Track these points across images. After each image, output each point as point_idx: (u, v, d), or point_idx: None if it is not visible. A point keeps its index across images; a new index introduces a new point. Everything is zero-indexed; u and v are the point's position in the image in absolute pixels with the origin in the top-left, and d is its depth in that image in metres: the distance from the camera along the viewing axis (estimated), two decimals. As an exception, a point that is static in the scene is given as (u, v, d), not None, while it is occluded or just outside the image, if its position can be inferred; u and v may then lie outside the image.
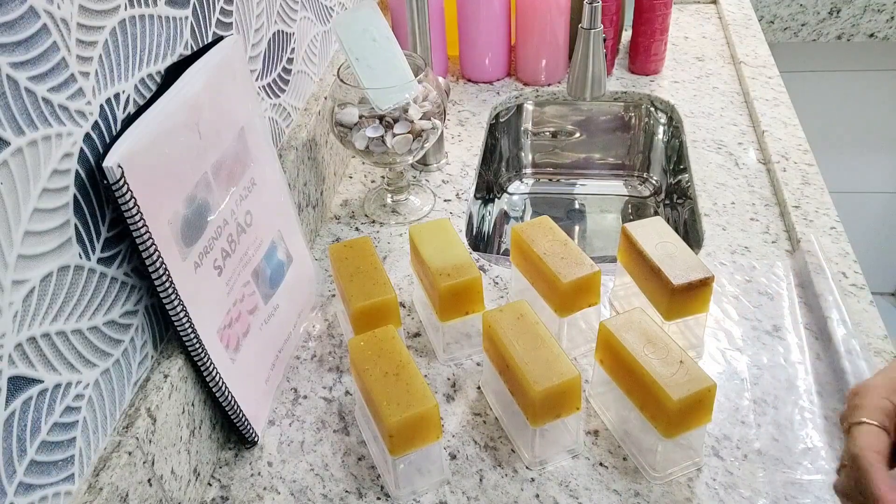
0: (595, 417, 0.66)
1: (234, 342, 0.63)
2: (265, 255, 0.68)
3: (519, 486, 0.61)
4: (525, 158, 1.22)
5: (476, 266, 0.69)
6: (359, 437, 0.66)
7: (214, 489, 0.63)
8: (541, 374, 0.58)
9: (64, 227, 0.47)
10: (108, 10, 0.50)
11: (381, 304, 0.67)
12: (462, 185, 0.97)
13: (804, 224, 0.83)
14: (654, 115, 1.14)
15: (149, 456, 0.54)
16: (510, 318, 0.63)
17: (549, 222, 0.73)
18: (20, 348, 0.44)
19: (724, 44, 1.25)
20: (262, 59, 0.76)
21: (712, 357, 0.71)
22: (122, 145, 0.49)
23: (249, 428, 0.64)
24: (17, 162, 0.42)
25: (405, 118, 0.82)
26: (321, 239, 0.89)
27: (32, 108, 0.44)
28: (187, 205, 0.56)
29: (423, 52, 0.91)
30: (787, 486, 0.59)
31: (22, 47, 0.42)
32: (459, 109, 1.13)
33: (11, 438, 0.43)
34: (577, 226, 1.16)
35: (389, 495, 0.61)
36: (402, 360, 0.59)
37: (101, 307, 0.51)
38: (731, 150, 0.99)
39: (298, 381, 0.71)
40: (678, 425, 0.57)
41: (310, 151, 0.86)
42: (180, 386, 0.58)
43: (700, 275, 0.66)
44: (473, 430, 0.66)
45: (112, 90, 0.51)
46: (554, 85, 1.16)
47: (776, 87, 1.09)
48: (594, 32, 0.95)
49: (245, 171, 0.64)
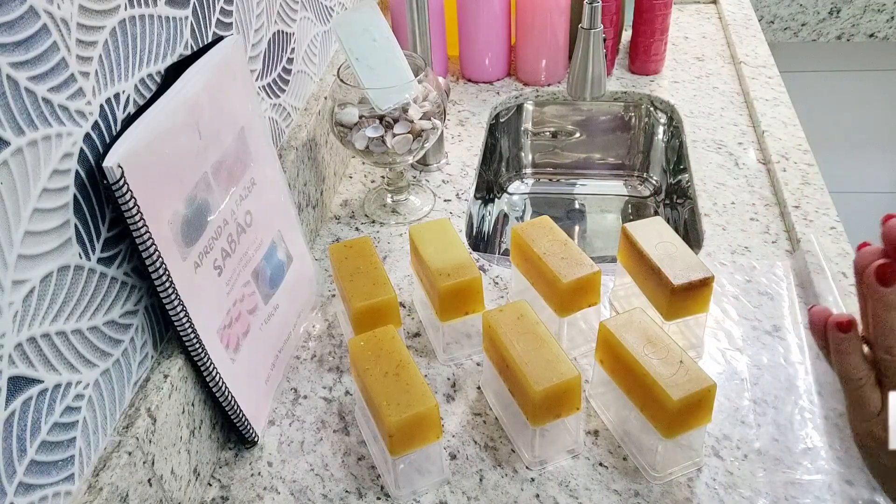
0: (595, 417, 0.66)
1: (234, 342, 0.63)
2: (265, 255, 0.68)
3: (519, 486, 0.61)
4: (525, 158, 1.22)
5: (476, 266, 0.69)
6: (359, 437, 0.66)
7: (214, 489, 0.63)
8: (541, 374, 0.58)
9: (64, 227, 0.47)
10: (108, 10, 0.50)
11: (381, 304, 0.67)
12: (462, 185, 0.97)
13: (804, 224, 0.83)
14: (654, 115, 1.14)
15: (149, 456, 0.54)
16: (510, 318, 0.63)
17: (549, 222, 0.73)
18: (20, 348, 0.44)
19: (724, 44, 1.25)
20: (262, 59, 0.76)
21: (712, 357, 0.71)
22: (122, 145, 0.49)
23: (249, 428, 0.64)
24: (17, 162, 0.42)
25: (405, 118, 0.82)
26: (321, 239, 0.89)
27: (32, 108, 0.44)
28: (187, 205, 0.56)
29: (423, 52, 0.91)
30: (787, 486, 0.59)
31: (22, 47, 0.42)
32: (459, 109, 1.13)
33: (11, 438, 0.43)
34: (577, 226, 1.16)
35: (389, 495, 0.61)
36: (402, 360, 0.59)
37: (101, 307, 0.51)
38: (731, 150, 0.99)
39: (298, 381, 0.71)
40: (678, 425, 0.57)
41: (310, 151, 0.86)
42: (180, 386, 0.58)
43: (700, 275, 0.66)
44: (473, 430, 0.66)
45: (112, 90, 0.51)
46: (554, 85, 1.16)
47: (776, 87, 1.09)
48: (594, 32, 0.95)
49: (245, 171, 0.64)
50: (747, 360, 0.70)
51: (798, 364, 0.69)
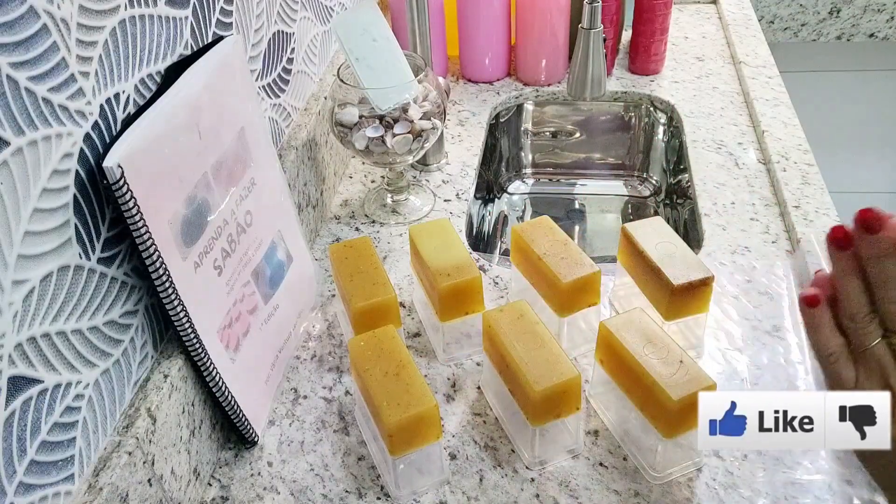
0: (595, 417, 0.66)
1: (234, 342, 0.63)
2: (265, 255, 0.68)
3: (519, 486, 0.61)
4: (525, 158, 1.22)
5: (476, 266, 0.69)
6: (359, 437, 0.66)
7: (214, 489, 0.63)
8: (541, 374, 0.58)
9: (64, 227, 0.47)
10: (108, 10, 0.50)
11: (381, 304, 0.67)
12: (462, 185, 0.97)
13: (804, 224, 0.83)
14: (654, 115, 1.14)
15: (149, 456, 0.54)
16: (510, 318, 0.63)
17: (549, 222, 0.73)
18: (20, 348, 0.44)
19: (724, 44, 1.25)
20: (262, 59, 0.76)
21: (712, 357, 0.71)
22: (122, 145, 0.49)
23: (249, 428, 0.64)
24: (17, 162, 0.42)
25: (405, 118, 0.82)
26: (321, 239, 0.89)
27: (32, 108, 0.44)
28: (187, 205, 0.56)
29: (423, 52, 0.91)
30: (787, 486, 0.59)
31: (22, 47, 0.42)
32: (459, 109, 1.13)
33: (11, 438, 0.43)
34: (577, 226, 1.16)
35: (389, 495, 0.61)
36: (402, 360, 0.59)
37: (101, 307, 0.51)
38: (731, 150, 0.99)
39: (298, 381, 0.71)
40: (678, 425, 0.57)
41: (310, 151, 0.86)
42: (180, 386, 0.58)
43: (700, 275, 0.66)
44: (473, 430, 0.66)
45: (112, 90, 0.51)
46: (554, 85, 1.16)
47: (776, 87, 1.09)
48: (594, 32, 0.95)
49: (245, 171, 0.64)
50: (747, 360, 0.70)
51: (798, 364, 0.69)
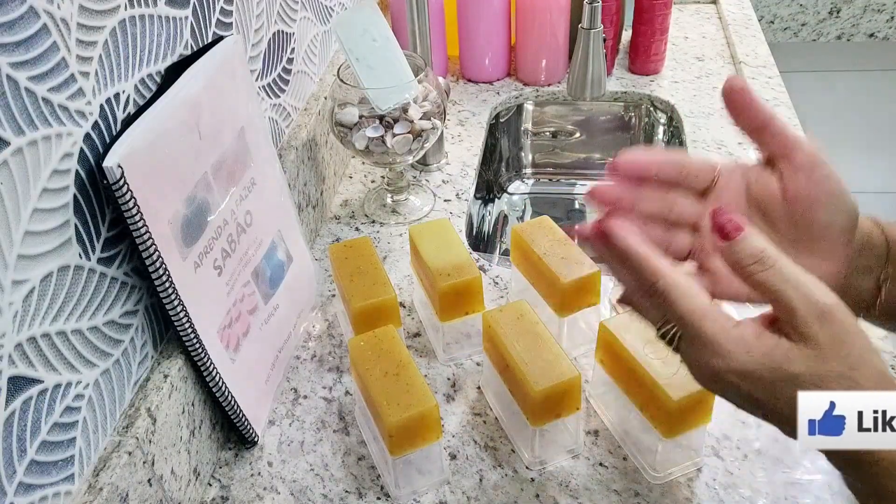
0: (595, 417, 0.66)
1: (234, 342, 0.63)
2: (265, 255, 0.68)
3: (519, 486, 0.61)
4: (525, 158, 1.22)
5: (476, 266, 0.69)
6: (359, 437, 0.66)
7: (214, 489, 0.63)
8: (541, 374, 0.57)
9: (64, 227, 0.47)
10: (108, 10, 0.50)
11: (381, 304, 0.68)
12: (462, 185, 0.97)
13: (804, 224, 0.82)
14: (654, 115, 1.14)
15: (149, 456, 0.54)
16: (510, 318, 0.63)
17: (549, 222, 0.73)
18: (20, 348, 0.44)
19: (724, 44, 1.25)
20: (262, 59, 0.76)
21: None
22: (122, 145, 0.49)
23: (249, 428, 0.64)
24: (17, 162, 0.42)
25: (405, 118, 0.82)
26: (321, 239, 0.89)
27: (32, 108, 0.44)
28: (187, 205, 0.56)
29: (423, 52, 0.91)
30: (787, 486, 0.59)
31: (22, 47, 0.42)
32: (459, 109, 1.13)
33: (11, 438, 0.43)
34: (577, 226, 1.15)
35: (389, 495, 0.61)
36: (402, 360, 0.59)
37: (101, 307, 0.51)
38: (731, 150, 0.99)
39: (298, 381, 0.72)
40: (678, 425, 0.57)
41: (310, 151, 0.86)
42: (180, 386, 0.58)
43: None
44: (473, 430, 0.66)
45: (112, 90, 0.51)
46: (554, 85, 1.16)
47: (776, 87, 1.09)
48: (594, 32, 0.95)
49: (245, 171, 0.64)
50: (747, 360, 0.70)
51: (798, 364, 0.69)
